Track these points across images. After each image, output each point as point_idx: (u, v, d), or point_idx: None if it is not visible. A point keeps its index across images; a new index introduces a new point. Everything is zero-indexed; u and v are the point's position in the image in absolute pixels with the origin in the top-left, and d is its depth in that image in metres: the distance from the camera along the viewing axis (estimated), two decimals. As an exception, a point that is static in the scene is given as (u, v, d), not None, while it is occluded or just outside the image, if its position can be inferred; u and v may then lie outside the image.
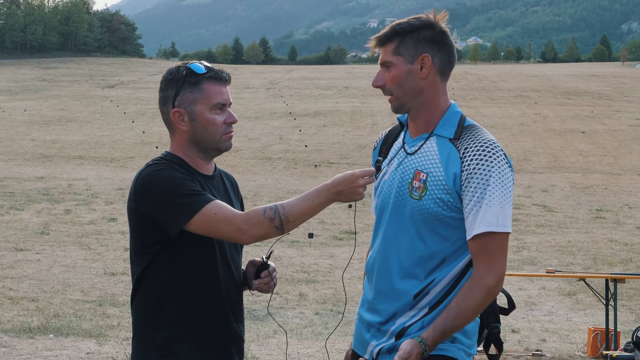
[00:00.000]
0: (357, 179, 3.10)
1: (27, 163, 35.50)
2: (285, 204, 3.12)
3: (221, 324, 3.29)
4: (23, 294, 11.91)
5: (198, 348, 3.23)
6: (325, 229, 19.59)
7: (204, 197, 3.14)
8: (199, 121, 3.28)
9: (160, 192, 3.15)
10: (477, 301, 3.07)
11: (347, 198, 3.12)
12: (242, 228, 3.10)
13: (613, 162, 39.18)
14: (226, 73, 3.35)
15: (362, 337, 3.31)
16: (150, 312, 3.24)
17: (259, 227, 3.10)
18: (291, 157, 39.66)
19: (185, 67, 3.32)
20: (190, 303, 3.22)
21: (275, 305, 11.74)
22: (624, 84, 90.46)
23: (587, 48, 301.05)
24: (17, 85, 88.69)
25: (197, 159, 3.33)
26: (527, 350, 9.79)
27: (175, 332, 3.21)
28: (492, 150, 3.10)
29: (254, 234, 3.11)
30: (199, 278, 3.21)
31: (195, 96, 3.27)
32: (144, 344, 3.25)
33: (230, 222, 3.11)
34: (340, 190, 3.11)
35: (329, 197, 3.11)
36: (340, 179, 3.11)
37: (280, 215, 3.09)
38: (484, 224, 3.05)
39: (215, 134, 3.29)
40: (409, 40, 3.20)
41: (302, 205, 3.11)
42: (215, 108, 3.28)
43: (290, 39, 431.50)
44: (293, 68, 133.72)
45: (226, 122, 3.30)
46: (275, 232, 3.11)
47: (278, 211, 3.10)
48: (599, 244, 18.38)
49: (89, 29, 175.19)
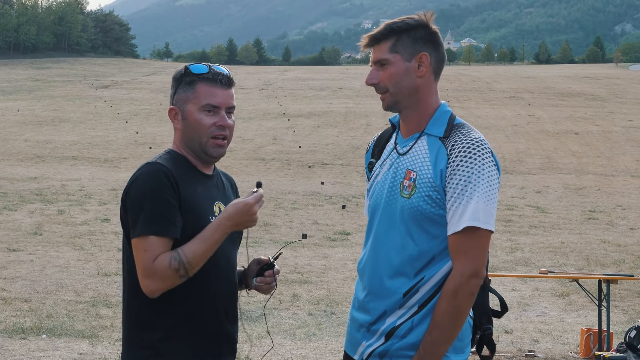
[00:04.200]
0: (251, 207, 3.15)
1: (20, 163, 35.43)
2: (186, 250, 3.12)
3: (213, 325, 3.27)
4: (16, 294, 11.89)
5: (189, 348, 3.22)
6: (319, 229, 19.57)
7: (159, 228, 3.12)
8: (189, 120, 3.29)
9: (136, 197, 3.17)
10: (461, 304, 3.07)
11: (242, 227, 3.20)
12: (150, 279, 3.11)
13: (606, 163, 39.24)
14: (225, 77, 3.31)
15: (353, 337, 3.32)
16: (141, 311, 3.23)
17: (165, 280, 3.11)
18: (285, 158, 39.65)
19: (185, 67, 3.34)
20: (181, 303, 3.21)
21: (269, 306, 11.73)
22: (618, 85, 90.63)
23: (581, 49, 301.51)
24: (10, 85, 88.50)
25: (194, 159, 3.33)
26: (520, 351, 9.80)
27: (165, 333, 3.19)
28: (479, 148, 3.11)
29: (161, 287, 3.12)
30: (191, 279, 3.19)
31: (188, 95, 3.29)
32: (134, 343, 3.24)
33: (145, 268, 3.12)
34: (235, 222, 3.16)
35: (225, 230, 3.16)
36: (234, 211, 3.15)
37: (184, 264, 3.11)
38: (465, 219, 3.05)
39: (201, 135, 3.27)
40: (406, 39, 3.22)
41: (203, 247, 3.13)
42: (205, 109, 3.27)
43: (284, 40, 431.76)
44: (287, 69, 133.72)
45: (216, 125, 3.27)
46: (181, 280, 3.14)
47: (182, 260, 3.10)
48: (592, 245, 18.40)
49: (82, 29, 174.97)
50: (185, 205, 3.18)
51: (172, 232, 3.13)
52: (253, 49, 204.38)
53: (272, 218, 20.82)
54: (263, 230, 18.68)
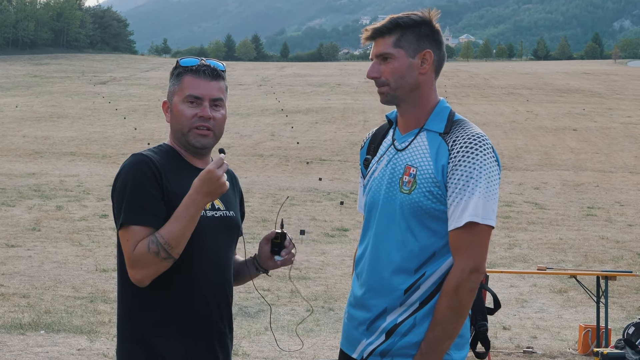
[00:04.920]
0: (214, 173, 3.12)
1: (19, 159, 35.43)
2: (162, 232, 3.10)
3: (204, 320, 3.26)
4: (14, 290, 11.89)
5: (179, 342, 3.21)
6: (317, 225, 19.58)
7: (139, 217, 3.12)
8: (174, 112, 3.31)
9: (120, 188, 3.19)
10: (462, 300, 3.06)
11: (215, 195, 3.16)
12: (134, 268, 3.12)
13: (604, 159, 39.27)
14: (210, 68, 3.31)
15: (351, 335, 3.29)
16: (133, 305, 3.23)
17: (148, 265, 3.10)
18: (283, 154, 39.65)
19: (177, 60, 3.38)
20: (172, 298, 3.20)
21: (268, 301, 11.73)
22: (616, 81, 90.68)
23: (579, 46, 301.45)
24: (8, 81, 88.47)
25: (185, 152, 3.34)
26: (518, 348, 9.80)
27: (156, 327, 3.19)
28: (480, 143, 3.11)
29: (146, 274, 3.12)
30: (183, 273, 3.19)
31: (175, 88, 3.32)
32: (126, 337, 3.25)
33: (128, 258, 3.13)
34: (205, 191, 3.13)
35: (198, 205, 3.13)
36: (199, 183, 3.13)
37: (162, 246, 3.09)
38: (467, 215, 3.04)
39: (183, 126, 3.28)
40: (411, 35, 3.21)
41: (178, 226, 3.11)
42: (187, 100, 3.27)
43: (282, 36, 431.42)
44: (285, 65, 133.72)
45: (197, 115, 3.27)
46: (166, 263, 3.12)
47: (159, 242, 3.09)
48: (590, 242, 18.41)
49: (80, 26, 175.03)
50: (170, 198, 3.17)
51: (153, 222, 3.13)
52: (251, 45, 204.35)
53: (270, 214, 20.81)
54: (261, 226, 18.67)
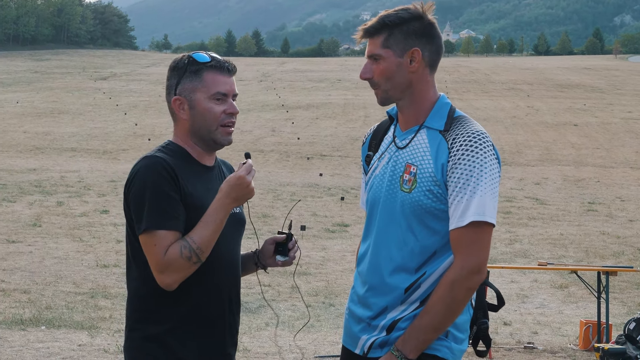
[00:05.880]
0: (244, 179, 3.16)
1: (20, 155, 35.43)
2: (194, 236, 3.13)
3: (218, 317, 3.27)
4: (15, 285, 11.90)
5: (194, 340, 3.22)
6: (317, 221, 19.57)
7: (165, 222, 3.12)
8: (198, 109, 3.28)
9: (139, 192, 3.16)
10: (457, 296, 3.04)
11: (242, 200, 3.20)
12: (165, 273, 3.12)
13: (605, 155, 39.25)
14: (230, 64, 3.34)
15: (352, 331, 3.29)
16: (146, 303, 3.22)
17: (180, 270, 3.12)
18: (283, 150, 39.65)
19: (188, 56, 3.34)
20: (186, 296, 3.20)
21: (267, 297, 11.75)
22: (617, 76, 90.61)
23: (580, 41, 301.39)
24: (9, 77, 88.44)
25: (198, 150, 3.33)
26: (519, 343, 9.80)
27: (173, 324, 3.20)
28: (480, 141, 3.08)
29: (177, 278, 3.13)
30: (202, 274, 3.20)
31: (195, 85, 3.28)
32: (138, 335, 3.24)
33: (158, 263, 3.12)
34: (233, 197, 3.17)
35: (226, 209, 3.17)
36: (229, 187, 3.16)
37: (194, 251, 3.11)
38: (470, 214, 3.02)
39: (212, 124, 3.27)
40: (398, 34, 3.17)
41: (209, 231, 3.14)
42: (214, 97, 3.27)
43: (282, 32, 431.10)
44: (286, 60, 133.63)
45: (226, 112, 3.28)
46: (195, 267, 3.15)
47: (192, 247, 3.11)
48: (591, 237, 18.41)
49: (81, 21, 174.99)
50: (186, 199, 3.17)
51: (178, 225, 3.14)
52: (252, 41, 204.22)
53: (271, 210, 20.81)
54: (262, 222, 18.67)
